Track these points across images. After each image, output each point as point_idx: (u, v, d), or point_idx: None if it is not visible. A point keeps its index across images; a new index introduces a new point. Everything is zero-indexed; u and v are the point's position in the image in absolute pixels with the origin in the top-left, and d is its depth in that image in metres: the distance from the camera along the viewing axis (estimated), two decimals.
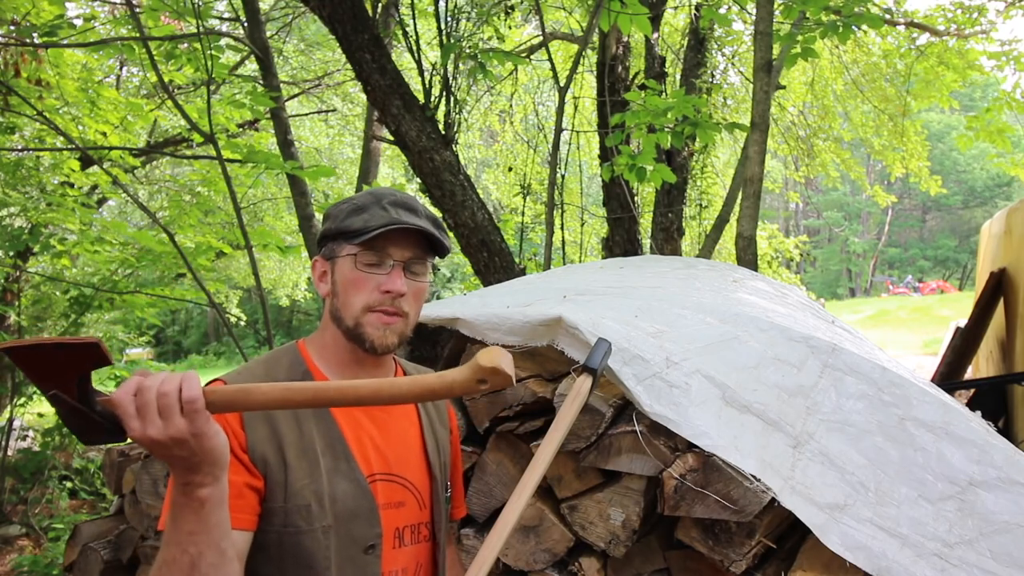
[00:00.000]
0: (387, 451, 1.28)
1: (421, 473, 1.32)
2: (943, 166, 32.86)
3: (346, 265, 1.25)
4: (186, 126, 7.55)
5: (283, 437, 1.18)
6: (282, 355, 1.30)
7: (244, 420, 1.17)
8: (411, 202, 1.28)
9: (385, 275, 1.24)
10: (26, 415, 7.23)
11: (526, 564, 1.89)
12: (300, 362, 1.28)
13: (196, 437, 0.93)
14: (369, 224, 1.22)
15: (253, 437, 1.17)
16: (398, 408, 1.33)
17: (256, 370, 1.26)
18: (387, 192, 1.29)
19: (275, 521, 1.16)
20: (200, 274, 5.29)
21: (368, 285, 1.23)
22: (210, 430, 0.95)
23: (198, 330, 31.10)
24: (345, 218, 1.26)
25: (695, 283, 2.70)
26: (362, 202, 1.27)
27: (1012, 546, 1.56)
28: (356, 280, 1.24)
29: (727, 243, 8.26)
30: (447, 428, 1.45)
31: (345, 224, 1.25)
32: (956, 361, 4.91)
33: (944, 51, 7.95)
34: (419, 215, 1.27)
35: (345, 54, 4.63)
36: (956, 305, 19.00)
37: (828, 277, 41.44)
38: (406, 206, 1.27)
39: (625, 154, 4.41)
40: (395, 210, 1.25)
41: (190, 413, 0.92)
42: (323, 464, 1.19)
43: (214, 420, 0.96)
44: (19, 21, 5.14)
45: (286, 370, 1.26)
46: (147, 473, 2.65)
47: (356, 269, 1.24)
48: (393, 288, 1.23)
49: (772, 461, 1.68)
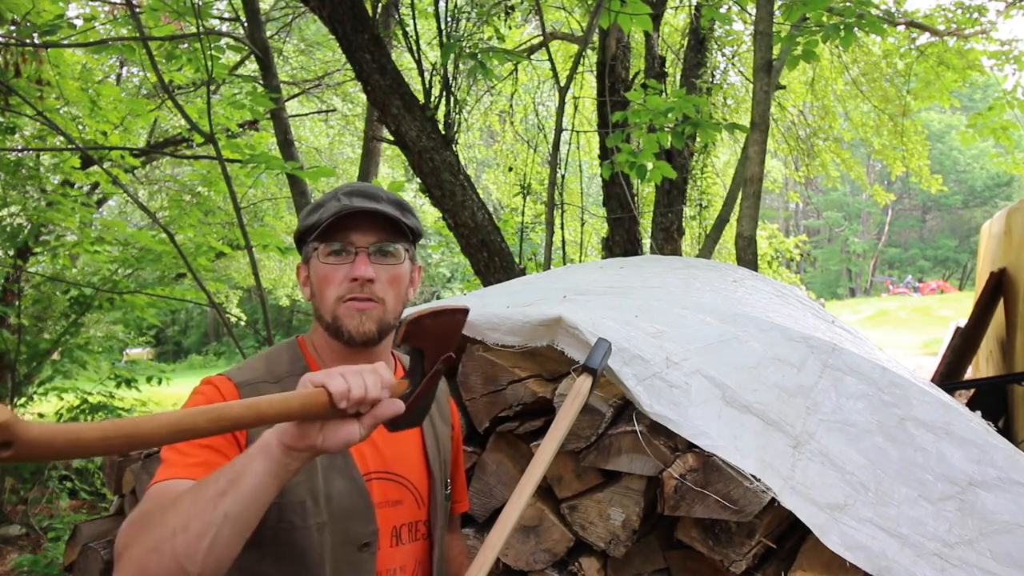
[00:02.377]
0: (385, 449, 1.28)
1: (420, 471, 1.32)
2: (943, 166, 32.86)
3: (315, 262, 1.26)
4: (186, 126, 7.55)
5: None
6: (282, 351, 1.30)
7: None
8: (369, 189, 1.28)
9: (350, 264, 1.23)
10: (26, 415, 7.23)
11: (526, 564, 1.89)
12: (300, 357, 1.29)
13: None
14: (323, 215, 1.23)
15: (252, 431, 1.16)
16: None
17: (257, 365, 1.26)
18: (346, 185, 1.30)
19: (269, 517, 1.15)
20: (200, 274, 5.29)
21: (337, 276, 1.23)
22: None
23: (198, 330, 31.11)
24: (305, 217, 1.28)
25: (695, 283, 2.70)
26: (321, 199, 1.29)
27: (1012, 546, 1.56)
28: (326, 275, 1.24)
29: (727, 243, 8.25)
30: (448, 424, 1.45)
31: (306, 223, 1.27)
32: (956, 361, 4.91)
33: (944, 51, 7.95)
34: (378, 200, 1.26)
35: (345, 54, 4.63)
36: (956, 305, 19.00)
37: (828, 277, 41.44)
38: (361, 193, 1.26)
39: (626, 151, 4.41)
40: (349, 199, 1.24)
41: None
42: (319, 461, 1.19)
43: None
44: (19, 21, 5.13)
45: (287, 366, 1.27)
46: (147, 473, 2.64)
47: (322, 263, 1.24)
48: (359, 274, 1.21)
49: (772, 461, 1.68)
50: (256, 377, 1.23)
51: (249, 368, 1.25)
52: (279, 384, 1.23)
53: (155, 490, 1.07)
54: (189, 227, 6.14)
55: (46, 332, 6.79)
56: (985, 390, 4.31)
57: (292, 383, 1.21)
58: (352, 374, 0.94)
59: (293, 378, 1.23)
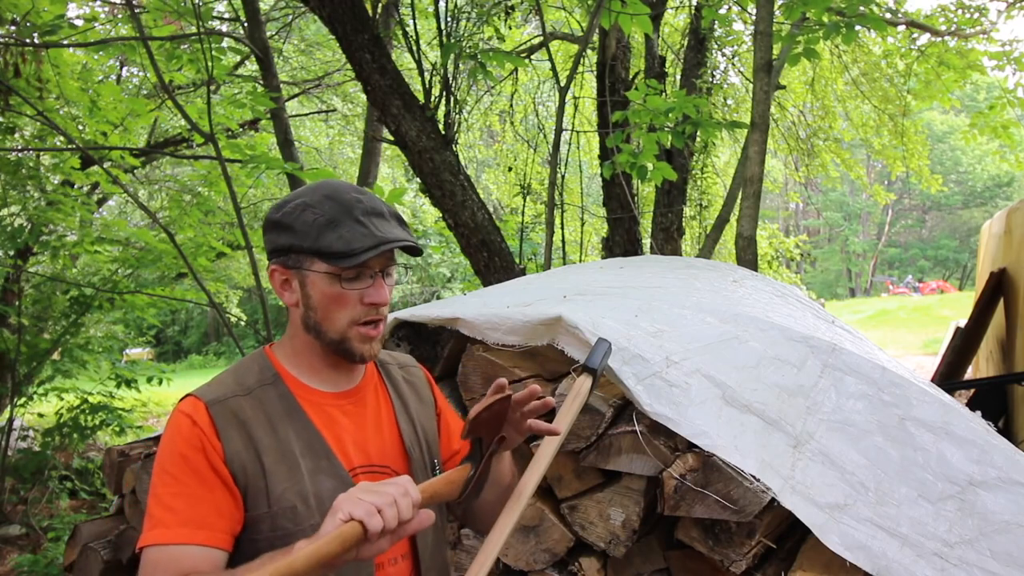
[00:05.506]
0: (365, 443, 1.28)
1: (401, 458, 1.33)
2: (944, 166, 32.86)
3: (321, 281, 1.20)
4: (186, 126, 7.55)
5: (259, 443, 1.18)
6: (251, 363, 1.29)
7: (218, 429, 1.16)
8: (378, 205, 1.23)
9: (367, 287, 1.21)
10: (26, 415, 7.24)
11: (526, 564, 1.88)
12: (269, 367, 1.27)
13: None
14: (353, 246, 1.16)
15: (230, 448, 1.16)
16: (369, 398, 1.34)
17: (226, 380, 1.25)
18: (350, 198, 1.21)
19: (263, 528, 1.16)
20: (200, 274, 5.29)
21: (351, 300, 1.21)
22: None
23: (198, 330, 31.09)
24: (318, 236, 1.18)
25: (695, 283, 2.70)
26: (332, 213, 1.19)
27: (1012, 546, 1.56)
28: (339, 297, 1.20)
29: (727, 243, 8.25)
30: (428, 403, 1.44)
31: (321, 244, 1.18)
32: (956, 361, 4.91)
33: (945, 51, 7.95)
34: (388, 218, 1.23)
35: (345, 54, 4.63)
36: (956, 305, 19.00)
37: (828, 277, 41.42)
38: (376, 213, 1.21)
39: (626, 152, 4.41)
40: (371, 222, 1.19)
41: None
42: (303, 465, 1.20)
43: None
44: (19, 21, 5.14)
45: (256, 376, 1.26)
46: (147, 473, 2.64)
47: (342, 287, 1.20)
48: (379, 300, 1.21)
49: (772, 461, 1.68)
50: (226, 392, 1.22)
51: (219, 383, 1.24)
52: (249, 395, 1.22)
53: (153, 557, 1.11)
54: (189, 227, 6.13)
55: (46, 332, 6.79)
56: (985, 390, 4.31)
57: (262, 393, 1.22)
58: (387, 505, 0.99)
59: (263, 387, 1.23)
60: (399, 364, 1.46)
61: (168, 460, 1.16)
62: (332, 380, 1.29)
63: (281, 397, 1.24)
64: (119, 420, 6.70)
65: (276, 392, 1.24)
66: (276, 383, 1.25)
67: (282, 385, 1.25)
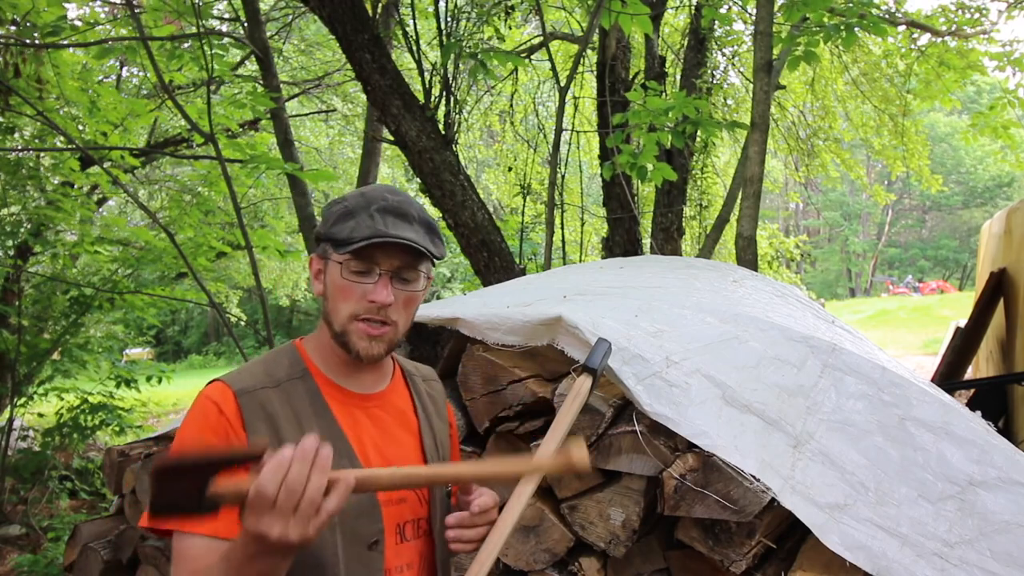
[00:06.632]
0: (386, 448, 1.28)
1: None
2: (945, 166, 32.85)
3: (335, 271, 1.23)
4: (186, 126, 7.55)
5: (284, 438, 1.18)
6: (282, 355, 1.30)
7: (245, 420, 1.17)
8: (403, 207, 1.24)
9: (372, 284, 1.22)
10: (26, 415, 7.23)
11: (526, 564, 1.89)
12: (299, 361, 1.28)
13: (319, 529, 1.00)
14: (354, 234, 1.19)
15: (255, 440, 1.17)
16: (396, 405, 1.34)
17: (256, 370, 1.26)
18: (379, 195, 1.24)
19: None
20: (200, 274, 5.29)
21: (354, 294, 1.22)
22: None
23: (198, 330, 31.09)
24: (334, 223, 1.23)
25: (695, 283, 2.70)
26: (353, 206, 1.23)
27: (1012, 546, 1.56)
28: (343, 288, 1.22)
29: (727, 243, 8.25)
30: (445, 422, 1.45)
31: (333, 231, 1.22)
32: (956, 361, 4.91)
33: (945, 51, 7.95)
34: (410, 221, 1.23)
35: (345, 54, 4.63)
36: (956, 305, 19.01)
37: (828, 277, 41.43)
38: (396, 212, 1.23)
39: (627, 152, 4.41)
40: (382, 218, 1.21)
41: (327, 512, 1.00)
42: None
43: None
44: (19, 21, 5.14)
45: (286, 369, 1.26)
46: (147, 473, 2.65)
47: (343, 277, 1.22)
48: (378, 299, 1.21)
49: (772, 461, 1.68)
50: (256, 383, 1.22)
51: (249, 373, 1.25)
52: (278, 388, 1.23)
53: (182, 550, 1.12)
54: (189, 227, 6.13)
55: (46, 332, 6.78)
56: (985, 390, 4.31)
57: (290, 387, 1.23)
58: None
59: (292, 381, 1.24)
60: (423, 377, 1.46)
61: (191, 444, 1.16)
62: (358, 380, 1.30)
63: (309, 393, 1.24)
64: (119, 420, 6.70)
65: (305, 387, 1.25)
66: (305, 378, 1.26)
67: (311, 381, 1.26)
